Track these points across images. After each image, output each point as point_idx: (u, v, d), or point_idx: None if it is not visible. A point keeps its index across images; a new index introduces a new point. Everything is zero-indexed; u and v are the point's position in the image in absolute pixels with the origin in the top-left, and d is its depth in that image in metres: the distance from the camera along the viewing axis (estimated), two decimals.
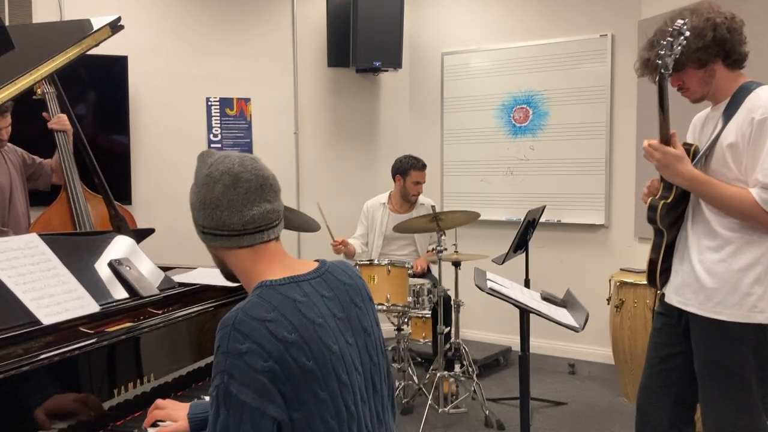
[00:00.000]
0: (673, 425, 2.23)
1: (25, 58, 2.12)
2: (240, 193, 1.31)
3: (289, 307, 1.24)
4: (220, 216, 1.32)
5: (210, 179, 1.33)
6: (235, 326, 1.19)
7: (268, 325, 1.20)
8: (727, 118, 2.04)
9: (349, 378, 1.29)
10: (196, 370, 1.94)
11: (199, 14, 4.71)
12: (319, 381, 1.22)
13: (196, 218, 1.36)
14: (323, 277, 1.36)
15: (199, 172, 1.37)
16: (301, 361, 1.20)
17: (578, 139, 4.78)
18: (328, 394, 1.23)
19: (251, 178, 1.33)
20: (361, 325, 1.38)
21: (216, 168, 1.34)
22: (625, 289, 3.95)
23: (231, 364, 1.17)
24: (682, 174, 2.04)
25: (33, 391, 1.42)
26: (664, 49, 1.96)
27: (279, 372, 1.18)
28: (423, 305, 3.94)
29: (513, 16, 5.07)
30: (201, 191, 1.34)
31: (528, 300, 2.18)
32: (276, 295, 1.25)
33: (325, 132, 5.23)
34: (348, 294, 1.39)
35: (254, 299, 1.25)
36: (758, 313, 1.98)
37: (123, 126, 4.37)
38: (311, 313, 1.26)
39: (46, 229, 3.07)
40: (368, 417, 1.35)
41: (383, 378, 1.43)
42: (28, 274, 1.65)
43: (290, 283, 1.29)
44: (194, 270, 2.35)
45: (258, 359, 1.17)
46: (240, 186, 1.32)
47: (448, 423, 3.75)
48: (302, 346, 1.21)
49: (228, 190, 1.31)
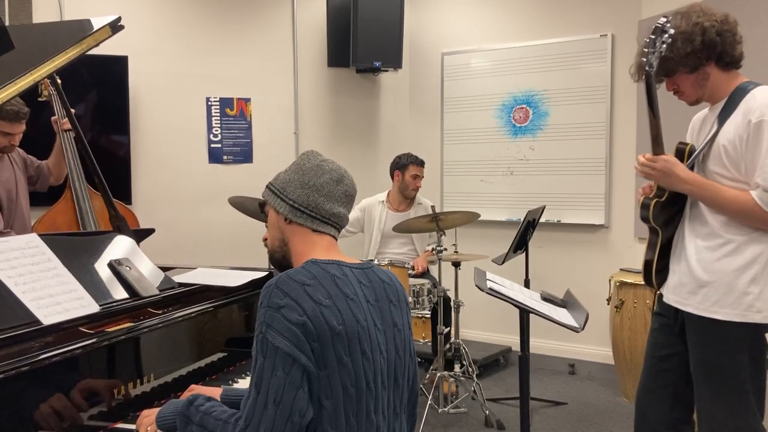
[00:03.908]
0: (671, 425, 2.23)
1: (25, 58, 2.11)
2: (338, 191, 1.53)
3: (327, 279, 1.39)
4: (316, 199, 1.50)
5: (320, 169, 1.53)
6: (278, 285, 1.35)
7: (307, 288, 1.35)
8: (724, 118, 2.04)
9: (373, 356, 1.39)
10: (196, 370, 1.95)
11: (200, 14, 4.71)
12: (345, 345, 1.34)
13: (290, 194, 1.52)
14: (365, 271, 1.50)
15: (306, 161, 1.54)
16: (332, 323, 1.33)
17: (578, 139, 4.78)
18: (350, 361, 1.34)
19: (349, 186, 1.56)
20: (392, 318, 1.50)
21: (328, 164, 1.55)
22: (625, 289, 3.95)
23: (270, 315, 1.31)
24: (682, 179, 2.04)
25: (33, 391, 1.42)
26: (648, 47, 1.96)
27: (311, 328, 1.31)
28: (423, 305, 3.94)
29: (513, 16, 5.07)
30: (307, 174, 1.52)
31: (528, 300, 2.18)
32: (318, 269, 1.41)
33: (325, 132, 5.23)
34: (385, 290, 1.51)
35: (299, 269, 1.41)
36: (755, 312, 1.98)
37: (123, 126, 4.36)
38: (346, 288, 1.41)
39: (51, 227, 3.07)
40: (386, 404, 1.44)
41: (407, 377, 1.53)
42: (28, 274, 1.65)
43: (333, 263, 1.45)
44: (194, 270, 2.35)
45: (293, 313, 1.31)
46: (341, 186, 1.53)
47: (448, 423, 3.75)
48: (334, 310, 1.35)
49: (332, 183, 1.52)
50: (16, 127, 2.99)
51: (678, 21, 2.03)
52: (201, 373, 1.96)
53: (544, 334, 4.53)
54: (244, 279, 2.21)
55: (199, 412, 1.40)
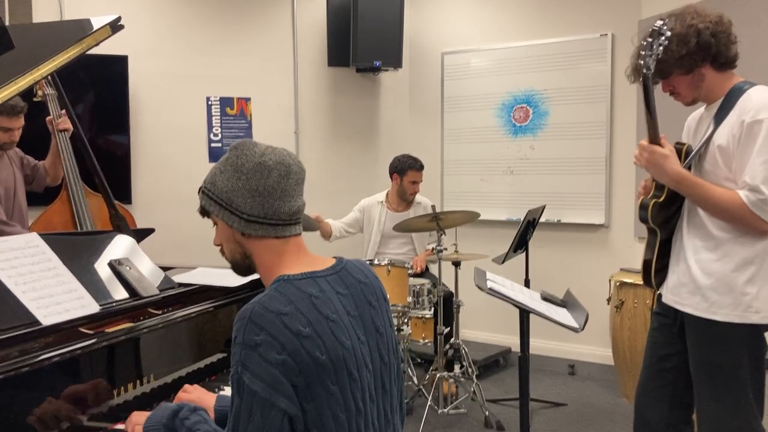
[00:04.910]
0: (670, 425, 2.23)
1: (25, 57, 2.11)
2: (290, 185, 1.35)
3: (305, 302, 1.27)
4: (272, 204, 1.33)
5: (264, 168, 1.33)
6: (252, 318, 1.22)
7: (284, 318, 1.22)
8: (720, 118, 2.04)
9: (360, 375, 1.31)
10: (196, 370, 1.94)
11: (200, 14, 4.70)
12: (330, 375, 1.25)
13: (240, 206, 1.34)
14: (340, 275, 1.38)
15: (243, 161, 1.35)
16: (314, 355, 1.22)
17: (578, 138, 4.78)
18: (338, 389, 1.26)
19: (298, 171, 1.37)
20: (374, 324, 1.40)
21: (269, 157, 1.35)
22: (625, 289, 3.95)
23: (246, 355, 1.20)
24: (669, 172, 2.04)
25: (32, 391, 1.42)
26: (645, 50, 1.97)
27: (292, 364, 1.20)
28: (423, 305, 3.94)
29: (513, 15, 5.07)
30: (252, 178, 1.33)
31: (528, 300, 2.18)
32: (293, 290, 1.28)
33: (326, 131, 5.23)
34: (363, 293, 1.40)
35: (271, 293, 1.27)
36: (753, 313, 1.98)
37: (123, 126, 4.36)
38: (326, 309, 1.29)
39: (47, 227, 3.07)
40: (375, 415, 1.37)
41: (393, 378, 1.45)
42: (28, 274, 1.64)
43: (307, 278, 1.32)
44: (194, 270, 2.35)
45: (272, 351, 1.20)
46: (291, 177, 1.35)
47: (448, 424, 3.75)
48: (316, 339, 1.24)
49: (283, 179, 1.34)
50: (14, 121, 2.99)
51: (672, 23, 2.03)
52: (201, 374, 1.96)
53: (544, 335, 4.53)
54: (243, 279, 2.21)
55: (184, 427, 1.36)
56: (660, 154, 2.05)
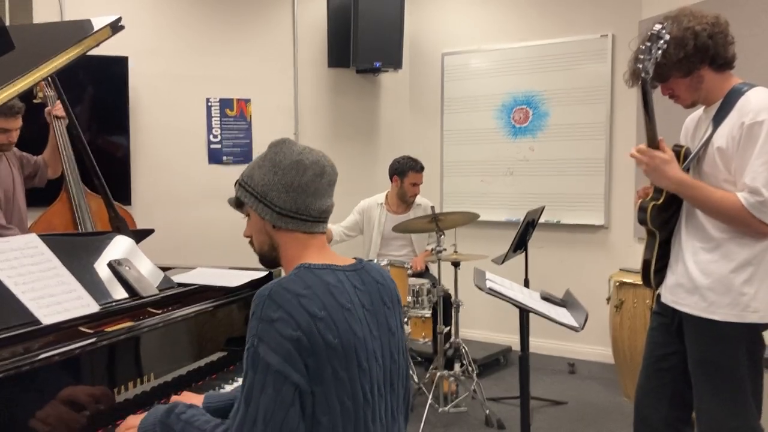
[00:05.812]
0: (670, 425, 2.23)
1: (25, 58, 2.11)
2: (324, 184, 1.43)
3: (322, 288, 1.32)
4: (304, 201, 1.41)
5: (300, 165, 1.41)
6: (271, 296, 1.27)
7: (301, 299, 1.27)
8: (719, 120, 2.04)
9: (369, 366, 1.34)
10: (196, 369, 1.95)
11: (200, 14, 4.71)
12: (341, 360, 1.28)
13: (274, 199, 1.41)
14: (358, 272, 1.44)
15: (281, 157, 1.42)
16: (327, 337, 1.27)
17: (578, 139, 4.79)
18: (347, 375, 1.29)
19: (331, 173, 1.46)
20: (387, 323, 1.44)
21: (306, 156, 1.42)
22: (625, 289, 3.95)
23: (262, 329, 1.25)
24: (670, 177, 2.04)
25: (32, 391, 1.42)
26: (644, 54, 1.96)
27: (305, 343, 1.25)
28: (422, 305, 3.94)
29: (513, 16, 5.07)
30: (288, 174, 1.40)
31: (528, 300, 2.18)
32: (312, 276, 1.33)
33: (326, 132, 5.23)
34: (379, 292, 1.45)
35: (291, 276, 1.33)
36: (751, 312, 1.99)
37: (123, 127, 4.36)
38: (342, 297, 1.34)
39: (47, 228, 3.07)
40: (383, 410, 1.40)
41: (401, 379, 1.48)
42: (28, 274, 1.65)
43: (327, 269, 1.37)
44: (194, 270, 2.35)
45: (287, 327, 1.24)
46: (325, 177, 1.43)
47: (448, 422, 3.75)
48: (330, 323, 1.28)
49: (317, 178, 1.41)
50: (11, 122, 2.99)
51: (669, 26, 2.03)
52: (201, 373, 1.96)
53: (544, 334, 4.52)
54: (243, 279, 2.21)
55: (181, 421, 1.36)
56: (660, 159, 2.04)
